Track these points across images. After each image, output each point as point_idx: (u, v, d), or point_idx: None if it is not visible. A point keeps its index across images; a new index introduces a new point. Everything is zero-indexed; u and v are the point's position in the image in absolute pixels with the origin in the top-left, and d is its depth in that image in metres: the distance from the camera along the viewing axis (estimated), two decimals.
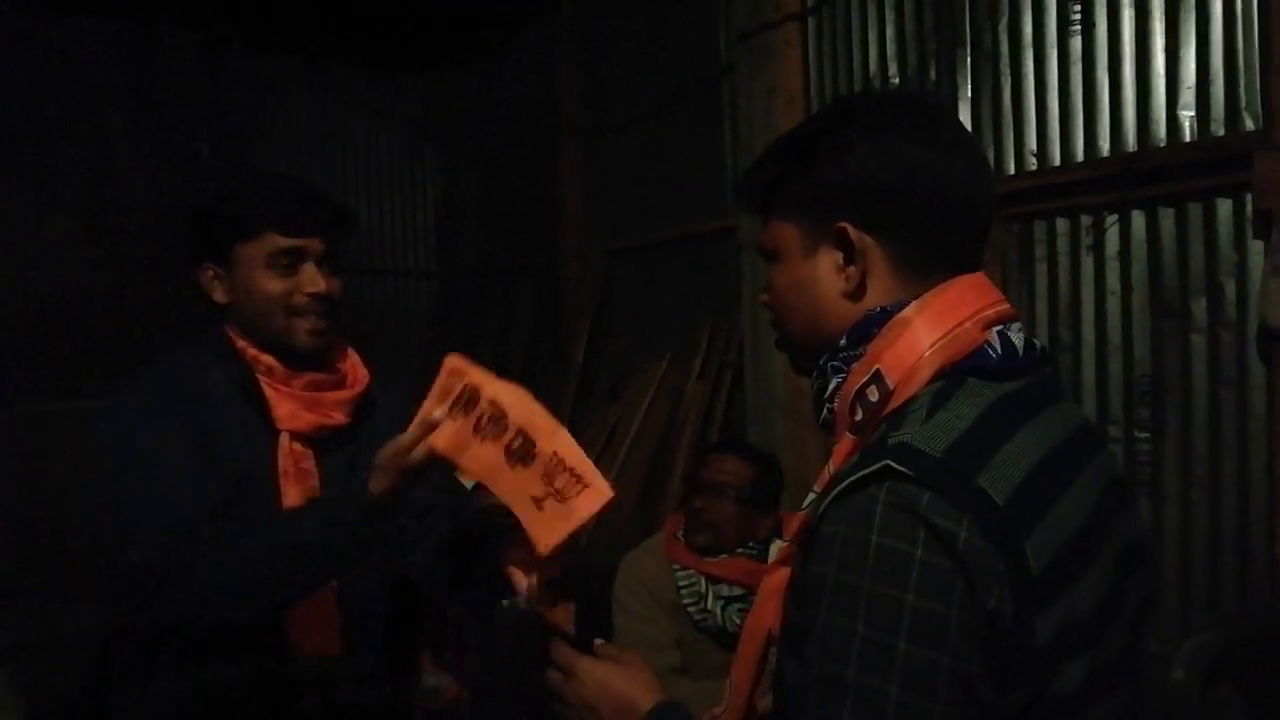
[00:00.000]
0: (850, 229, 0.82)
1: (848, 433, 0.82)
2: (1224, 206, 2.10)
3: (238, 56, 5.25)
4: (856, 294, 0.83)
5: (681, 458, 3.63)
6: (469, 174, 5.90)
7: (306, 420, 1.35)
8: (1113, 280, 2.32)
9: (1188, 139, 2.15)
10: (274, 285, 1.32)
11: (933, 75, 2.76)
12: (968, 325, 0.79)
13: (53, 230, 4.76)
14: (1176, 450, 2.20)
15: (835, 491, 0.73)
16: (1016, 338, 0.81)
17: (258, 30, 5.18)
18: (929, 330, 0.79)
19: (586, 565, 1.93)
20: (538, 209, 5.09)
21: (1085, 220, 2.37)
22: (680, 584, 2.00)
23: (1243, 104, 2.06)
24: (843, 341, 0.83)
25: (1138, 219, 2.26)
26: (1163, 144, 2.20)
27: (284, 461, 1.33)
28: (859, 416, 0.81)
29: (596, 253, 4.51)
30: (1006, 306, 0.83)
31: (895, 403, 0.78)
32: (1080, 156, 2.37)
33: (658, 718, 0.91)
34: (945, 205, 0.82)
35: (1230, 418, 2.10)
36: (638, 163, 4.27)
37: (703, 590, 1.98)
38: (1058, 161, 2.43)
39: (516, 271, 5.30)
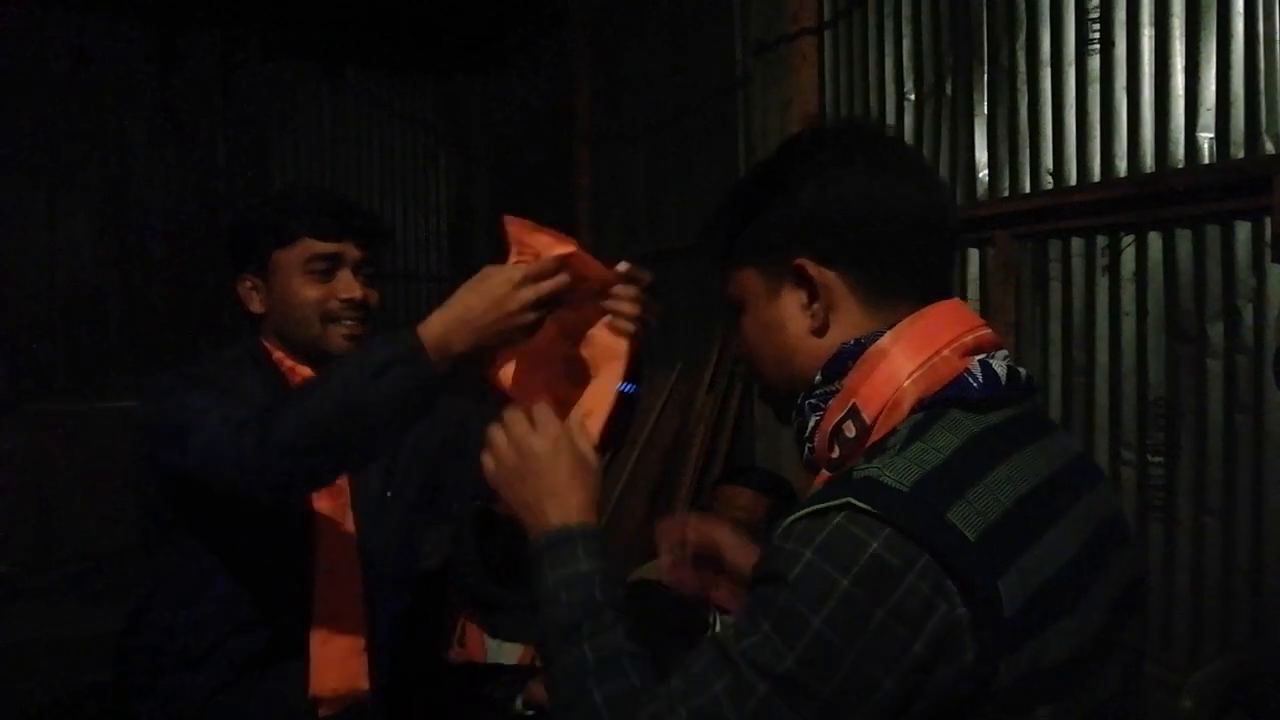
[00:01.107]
0: (809, 265, 0.81)
1: (825, 470, 0.81)
2: (1243, 230, 2.07)
3: (255, 59, 5.28)
4: (824, 330, 0.82)
5: (691, 468, 3.62)
6: (483, 179, 5.92)
7: None
8: (1128, 302, 2.29)
9: (1206, 161, 2.13)
10: (310, 291, 1.32)
11: (949, 91, 2.74)
12: (946, 353, 0.77)
13: (68, 230, 4.80)
14: (1190, 475, 2.17)
15: (793, 517, 0.72)
16: (1000, 366, 0.79)
17: (275, 33, 5.21)
18: (906, 359, 0.77)
19: None
20: (550, 215, 5.07)
21: (1101, 241, 2.35)
22: None
23: (1263, 127, 2.03)
24: (818, 378, 0.82)
25: (1154, 240, 2.24)
26: (1181, 165, 2.17)
27: None
28: (836, 454, 0.79)
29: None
30: (987, 332, 0.81)
31: (875, 437, 0.77)
32: (1097, 176, 2.35)
33: (569, 538, 0.86)
34: (902, 233, 0.81)
35: (1246, 444, 2.07)
36: (651, 172, 4.27)
37: (710, 621, 1.96)
38: (1074, 181, 2.40)
39: None
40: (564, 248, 1.07)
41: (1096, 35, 2.34)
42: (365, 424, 1.06)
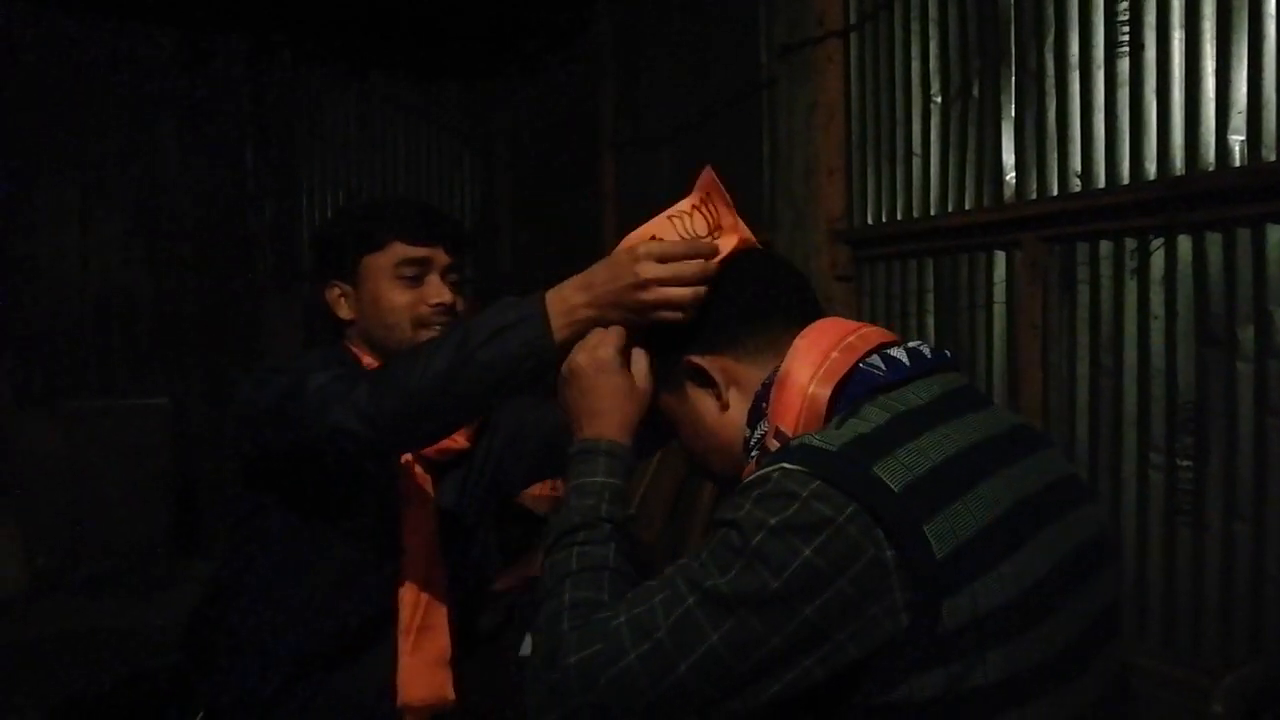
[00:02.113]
0: (693, 359, 0.93)
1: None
2: (1274, 233, 2.06)
3: (283, 64, 5.34)
4: (729, 404, 0.92)
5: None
6: (507, 183, 5.95)
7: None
8: (1156, 305, 2.28)
9: (1237, 164, 2.12)
10: (400, 296, 1.34)
11: (976, 94, 2.74)
12: (835, 354, 0.85)
13: (100, 232, 4.88)
14: (1220, 480, 2.16)
15: (741, 485, 0.79)
16: (898, 352, 0.86)
17: (303, 39, 5.27)
18: (803, 369, 0.85)
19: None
20: (575, 220, 5.11)
21: (1130, 243, 2.34)
22: None
23: None
24: (747, 433, 0.90)
25: (1184, 243, 2.23)
26: (1211, 168, 2.16)
27: (406, 486, 1.34)
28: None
29: None
30: (870, 329, 0.89)
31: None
32: (1126, 179, 2.34)
33: (593, 450, 0.94)
34: (750, 299, 0.94)
35: (1277, 448, 2.06)
36: (676, 175, 4.28)
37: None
38: (1102, 183, 2.40)
39: (552, 281, 5.32)
40: (725, 239, 0.98)
41: (1126, 38, 2.33)
42: (479, 383, 1.05)
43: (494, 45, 5.45)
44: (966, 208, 2.77)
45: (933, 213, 2.86)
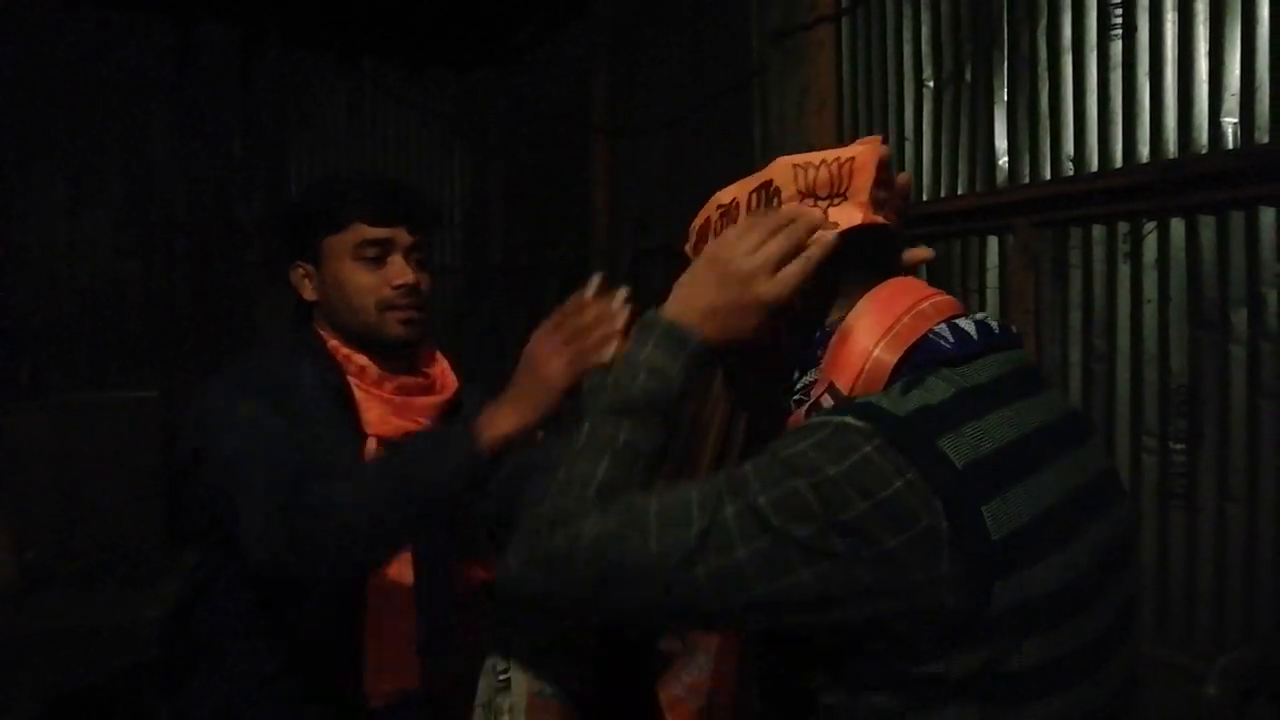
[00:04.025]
0: None
1: None
2: (1267, 215, 2.06)
3: (273, 53, 5.31)
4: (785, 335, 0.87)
5: (706, 457, 3.62)
6: (499, 171, 5.93)
7: (395, 425, 1.33)
8: (1150, 289, 2.28)
9: (1231, 147, 2.11)
10: (363, 277, 1.31)
11: (968, 78, 2.73)
12: (907, 320, 0.81)
13: (89, 223, 4.84)
14: (1213, 462, 2.16)
15: (789, 432, 0.76)
16: (966, 324, 0.83)
17: (293, 27, 5.23)
18: (870, 330, 0.81)
19: None
20: (566, 207, 5.10)
21: (1123, 227, 2.33)
22: None
23: None
24: (795, 375, 0.86)
25: (1177, 227, 2.22)
26: (1204, 151, 2.16)
27: None
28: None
29: (624, 252, 4.51)
30: (943, 298, 0.85)
31: None
32: (1119, 162, 2.34)
33: (652, 324, 0.86)
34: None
35: (1269, 430, 2.06)
36: (667, 163, 4.26)
37: None
38: (1095, 167, 2.39)
39: (543, 269, 5.32)
40: (844, 210, 0.86)
41: (1119, 20, 2.32)
42: (421, 510, 1.10)
43: (486, 33, 5.42)
44: (959, 192, 2.76)
45: (925, 197, 2.85)
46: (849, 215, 0.85)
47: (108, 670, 2.71)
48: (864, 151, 0.86)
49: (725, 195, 0.95)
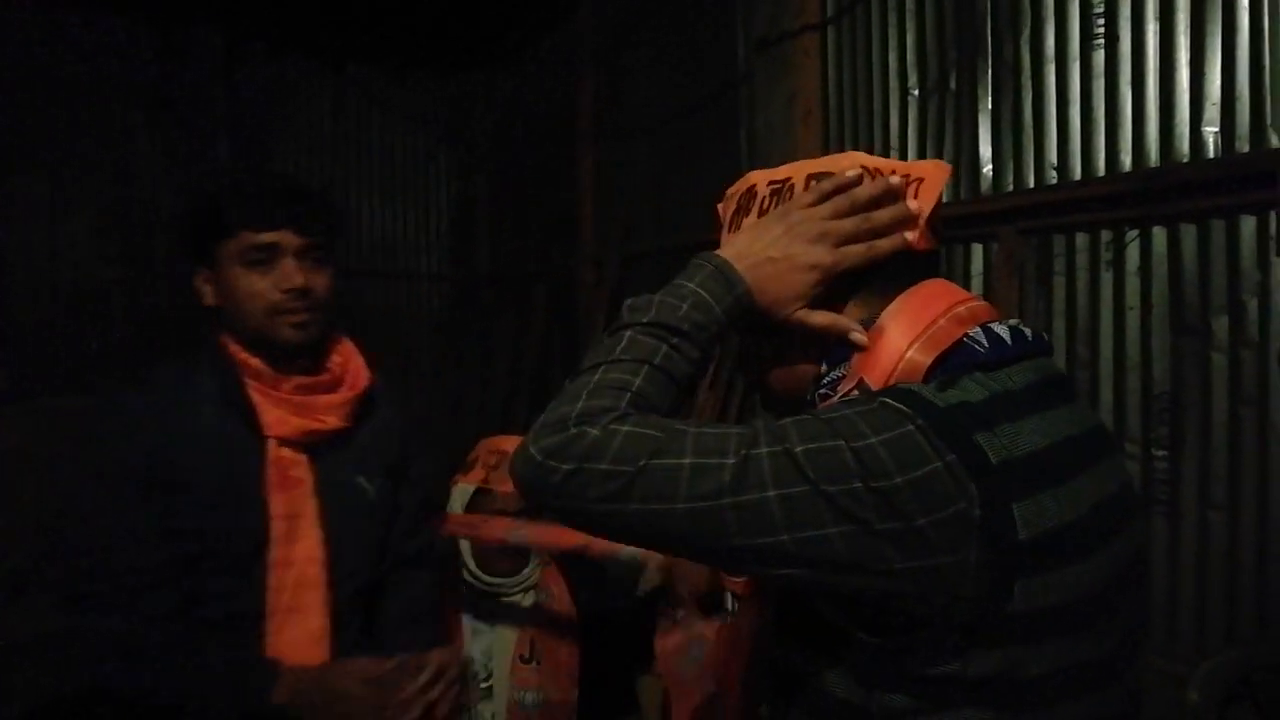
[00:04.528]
0: None
1: None
2: (1248, 224, 2.08)
3: (257, 56, 5.28)
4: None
5: None
6: (485, 177, 5.91)
7: (295, 425, 1.34)
8: (1132, 296, 2.30)
9: (1211, 156, 2.13)
10: (252, 282, 1.33)
11: (953, 86, 2.74)
12: (942, 323, 0.81)
13: (70, 227, 4.80)
14: (1195, 469, 2.18)
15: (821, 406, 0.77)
16: (1001, 329, 0.82)
17: (278, 30, 5.21)
18: (904, 332, 0.81)
19: (617, 576, 1.92)
20: (553, 213, 5.09)
21: (1105, 235, 2.35)
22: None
23: (1269, 121, 2.04)
24: (823, 369, 0.85)
25: (1159, 235, 2.24)
26: (1186, 160, 2.18)
27: (271, 470, 1.32)
28: None
29: (611, 258, 4.51)
30: (980, 303, 0.85)
31: None
32: (1101, 171, 2.35)
33: (703, 262, 0.86)
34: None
35: (1250, 437, 2.08)
36: (654, 168, 4.27)
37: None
38: (1078, 176, 2.41)
39: (530, 276, 5.31)
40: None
41: (1101, 30, 2.34)
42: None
43: (472, 38, 5.42)
44: (944, 200, 2.77)
45: None
46: (908, 234, 0.88)
47: (86, 678, 2.67)
48: (934, 174, 0.88)
49: (779, 172, 0.94)
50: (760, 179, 0.96)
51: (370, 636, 1.46)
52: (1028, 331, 0.84)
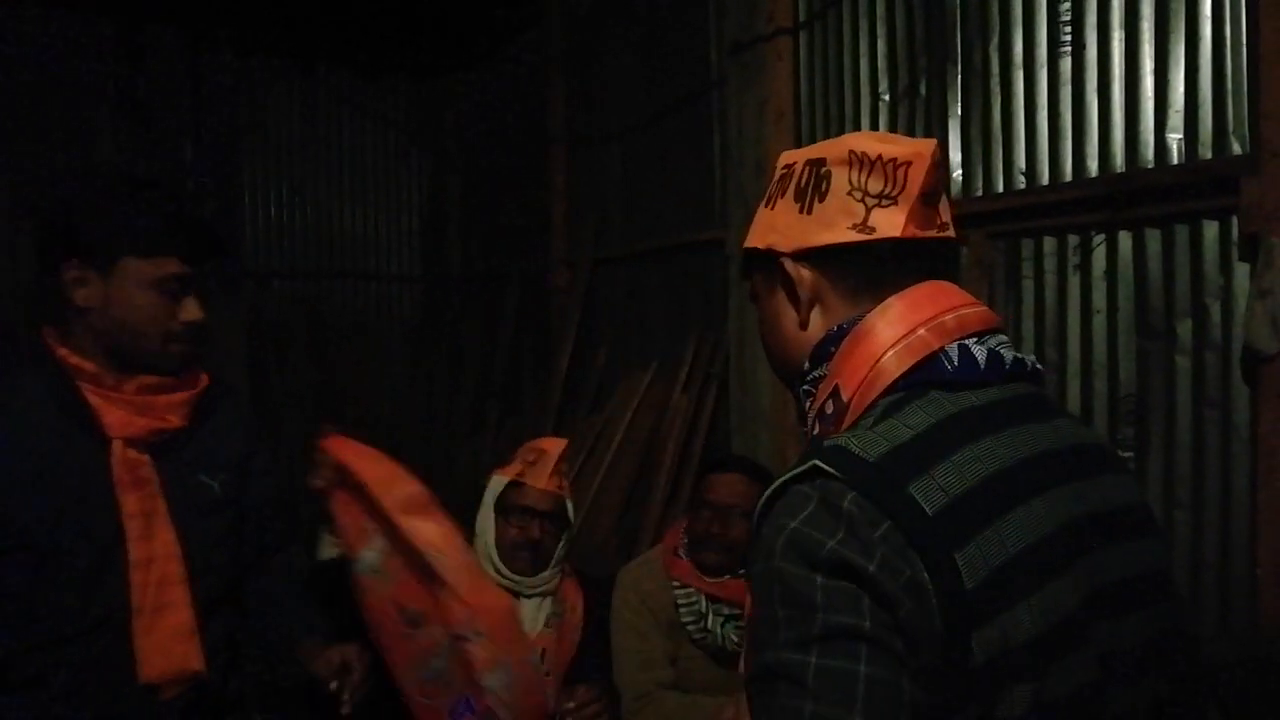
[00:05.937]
0: (786, 262, 0.86)
1: None
2: (1210, 229, 2.11)
3: (224, 55, 5.22)
4: (807, 323, 0.86)
5: (665, 469, 3.62)
6: (455, 179, 5.88)
7: (140, 425, 1.33)
8: (1099, 300, 2.33)
9: (1175, 161, 2.17)
10: (158, 308, 1.31)
11: (923, 92, 2.77)
12: (922, 332, 0.79)
13: (32, 226, 4.70)
14: (1160, 470, 2.21)
15: (769, 492, 0.75)
16: (978, 350, 0.79)
17: (245, 30, 5.15)
18: (887, 335, 0.79)
19: (580, 577, 1.91)
20: (524, 216, 5.07)
21: (1072, 240, 2.38)
22: (679, 601, 1.97)
23: (1230, 128, 2.08)
24: (806, 366, 0.85)
25: (1124, 240, 2.28)
26: (1150, 166, 2.21)
27: (119, 470, 1.30)
28: (818, 433, 0.82)
29: (583, 261, 4.50)
30: (973, 313, 0.81)
31: (854, 414, 0.79)
32: (1069, 176, 2.39)
33: None
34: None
35: (1214, 438, 2.11)
36: (626, 172, 4.27)
37: (703, 609, 1.95)
38: (1046, 181, 2.44)
39: (501, 278, 5.28)
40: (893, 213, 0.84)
41: (1068, 38, 2.38)
42: None
43: (442, 40, 5.39)
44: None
45: None
46: (892, 222, 0.82)
47: None
48: (919, 152, 0.82)
49: (794, 155, 0.91)
50: (801, 161, 0.91)
51: (243, 629, 1.49)
52: (1008, 356, 0.81)
